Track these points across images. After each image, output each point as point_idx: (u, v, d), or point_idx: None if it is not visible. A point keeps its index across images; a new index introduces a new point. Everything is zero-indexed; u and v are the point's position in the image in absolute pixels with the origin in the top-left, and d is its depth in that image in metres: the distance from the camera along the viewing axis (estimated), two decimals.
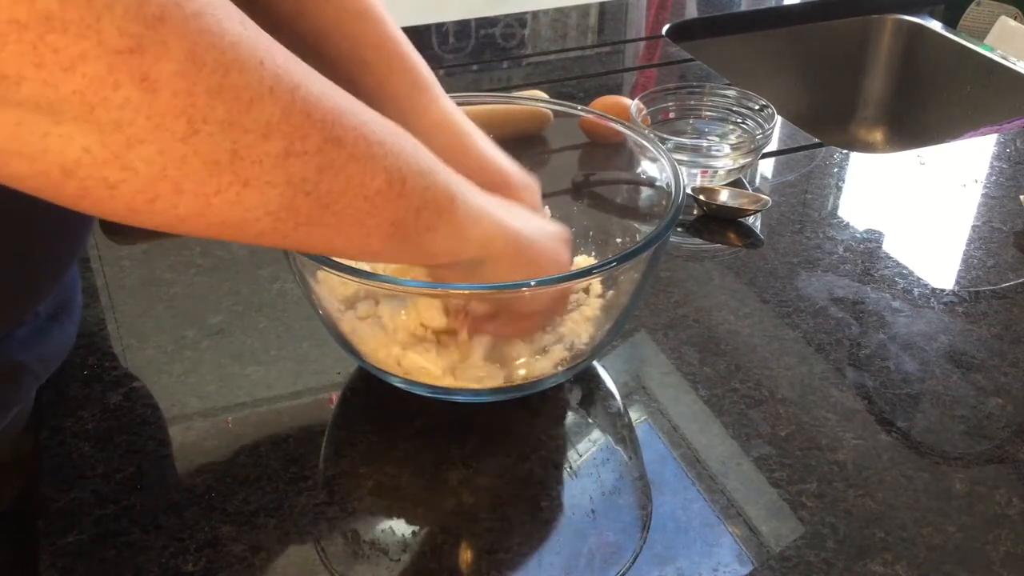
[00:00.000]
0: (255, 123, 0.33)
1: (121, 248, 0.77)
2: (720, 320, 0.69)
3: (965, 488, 0.55)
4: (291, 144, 0.35)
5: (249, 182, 0.34)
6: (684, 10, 1.33)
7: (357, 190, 0.39)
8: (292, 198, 0.36)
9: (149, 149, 0.31)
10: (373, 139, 0.39)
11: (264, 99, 0.33)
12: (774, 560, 0.50)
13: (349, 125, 0.38)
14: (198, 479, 0.55)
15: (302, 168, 0.36)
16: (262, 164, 0.34)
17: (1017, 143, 0.95)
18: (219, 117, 0.32)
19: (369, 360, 0.58)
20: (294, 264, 0.56)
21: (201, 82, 0.31)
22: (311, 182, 0.37)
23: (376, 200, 0.40)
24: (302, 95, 0.35)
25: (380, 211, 0.41)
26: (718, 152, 0.85)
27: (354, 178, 0.39)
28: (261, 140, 0.34)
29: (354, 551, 0.51)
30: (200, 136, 0.32)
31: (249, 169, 0.34)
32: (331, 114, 0.37)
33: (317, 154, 0.36)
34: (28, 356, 0.56)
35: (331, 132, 0.37)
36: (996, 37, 1.35)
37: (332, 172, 0.37)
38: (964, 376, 0.63)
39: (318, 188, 0.37)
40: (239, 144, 0.33)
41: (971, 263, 0.76)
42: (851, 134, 1.35)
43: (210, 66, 0.31)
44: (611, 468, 0.56)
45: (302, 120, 0.35)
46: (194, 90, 0.31)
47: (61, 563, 0.50)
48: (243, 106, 0.33)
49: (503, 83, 1.13)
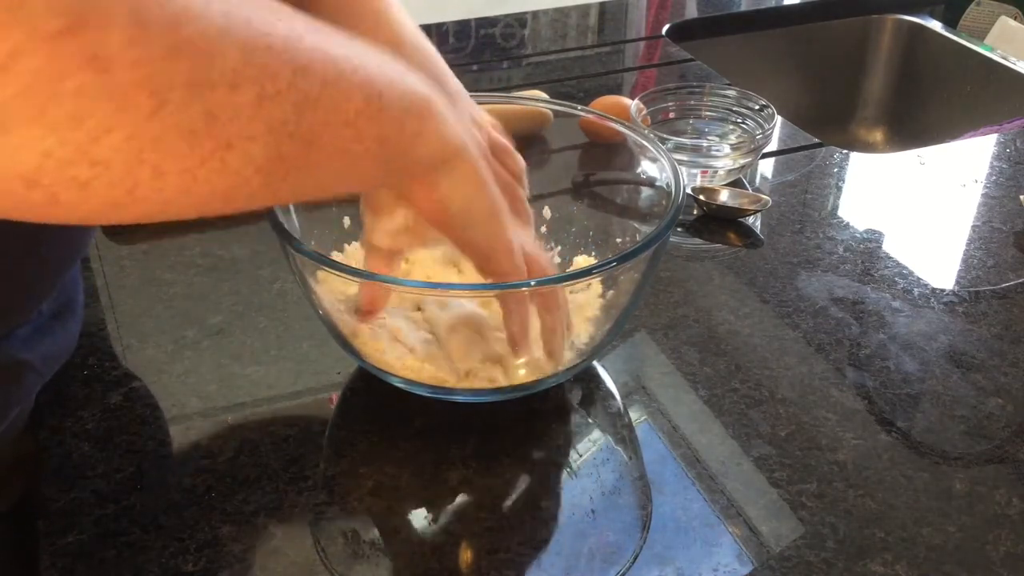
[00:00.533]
0: (221, 75, 0.31)
1: (121, 248, 0.77)
2: (720, 320, 0.69)
3: (965, 488, 0.55)
4: (262, 87, 0.32)
5: (231, 143, 0.32)
6: (684, 10, 1.33)
7: (337, 116, 0.37)
8: (277, 146, 0.34)
9: (117, 136, 0.28)
10: (339, 56, 0.37)
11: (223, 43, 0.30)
12: (774, 560, 0.50)
13: (311, 47, 0.35)
14: (198, 479, 0.55)
15: (279, 110, 0.34)
16: (239, 119, 0.32)
17: (1017, 143, 0.95)
18: (184, 79, 0.29)
19: (369, 360, 0.58)
20: (294, 264, 0.56)
21: (155, 44, 0.28)
22: (291, 122, 0.34)
23: (358, 123, 0.38)
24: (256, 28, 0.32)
25: (365, 133, 0.39)
26: (718, 152, 0.85)
27: (331, 104, 0.36)
28: (231, 92, 0.31)
29: (354, 551, 0.51)
30: (169, 107, 0.29)
31: (228, 128, 0.32)
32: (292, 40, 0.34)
33: (290, 90, 0.34)
34: (31, 354, 0.56)
35: (296, 62, 0.34)
36: (996, 37, 1.35)
37: (309, 105, 0.35)
38: (964, 376, 0.63)
39: (299, 127, 0.35)
40: (211, 103, 0.30)
41: (971, 263, 0.76)
42: (851, 134, 1.35)
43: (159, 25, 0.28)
44: (611, 468, 0.56)
45: (265, 56, 0.33)
46: (151, 55, 0.28)
47: (61, 563, 0.50)
48: (204, 59, 0.30)
49: (503, 83, 1.13)
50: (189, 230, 0.78)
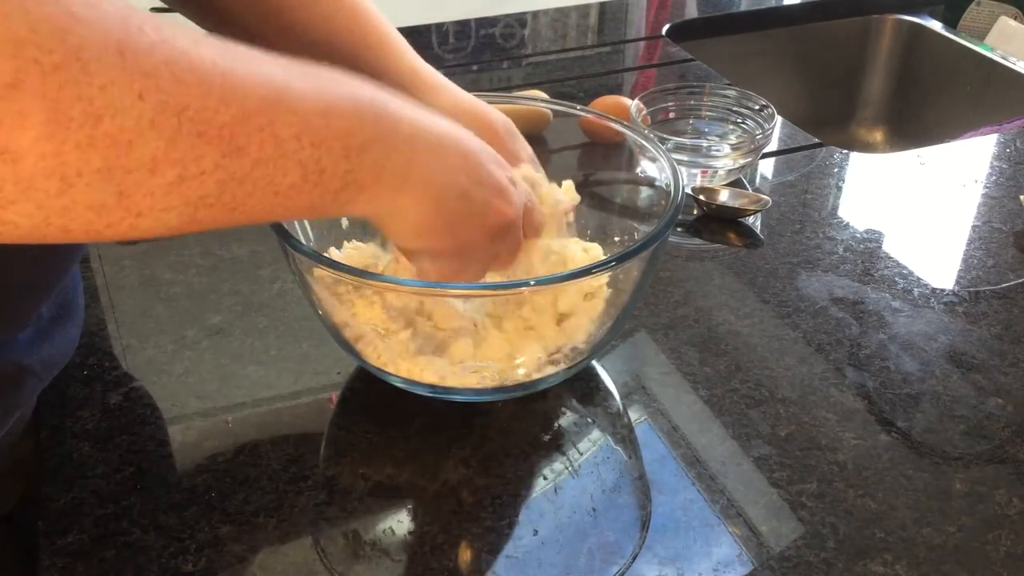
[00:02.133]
0: (138, 162, 0.31)
1: (121, 248, 0.77)
2: (720, 320, 0.69)
3: (965, 488, 0.55)
4: (184, 169, 0.33)
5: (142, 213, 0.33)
6: (684, 10, 1.33)
7: (267, 188, 0.37)
8: (193, 214, 0.34)
9: (25, 207, 0.30)
10: (286, 135, 0.36)
11: (145, 135, 0.31)
12: (774, 560, 0.50)
13: (254, 129, 0.35)
14: (198, 479, 0.55)
15: (199, 187, 0.34)
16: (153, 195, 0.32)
17: (1017, 143, 0.95)
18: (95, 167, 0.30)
19: (369, 360, 0.58)
20: (294, 264, 0.56)
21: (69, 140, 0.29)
22: (212, 196, 0.34)
23: (289, 194, 0.38)
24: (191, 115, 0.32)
25: (293, 202, 0.38)
26: (718, 152, 0.85)
27: (261, 180, 0.36)
28: (148, 176, 0.32)
29: (354, 551, 0.51)
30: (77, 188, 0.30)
31: (140, 202, 0.32)
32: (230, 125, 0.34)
33: (216, 170, 0.34)
34: (31, 359, 0.55)
35: (230, 144, 0.34)
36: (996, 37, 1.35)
37: (235, 182, 0.35)
38: (964, 376, 0.63)
39: (221, 199, 0.35)
40: (123, 185, 0.31)
41: (971, 263, 0.76)
42: (851, 134, 1.35)
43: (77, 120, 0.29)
44: (611, 468, 0.56)
45: (193, 142, 0.32)
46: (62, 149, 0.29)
47: (61, 563, 0.50)
48: (121, 149, 0.30)
49: (503, 83, 1.13)
50: None
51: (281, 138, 0.36)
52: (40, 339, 0.57)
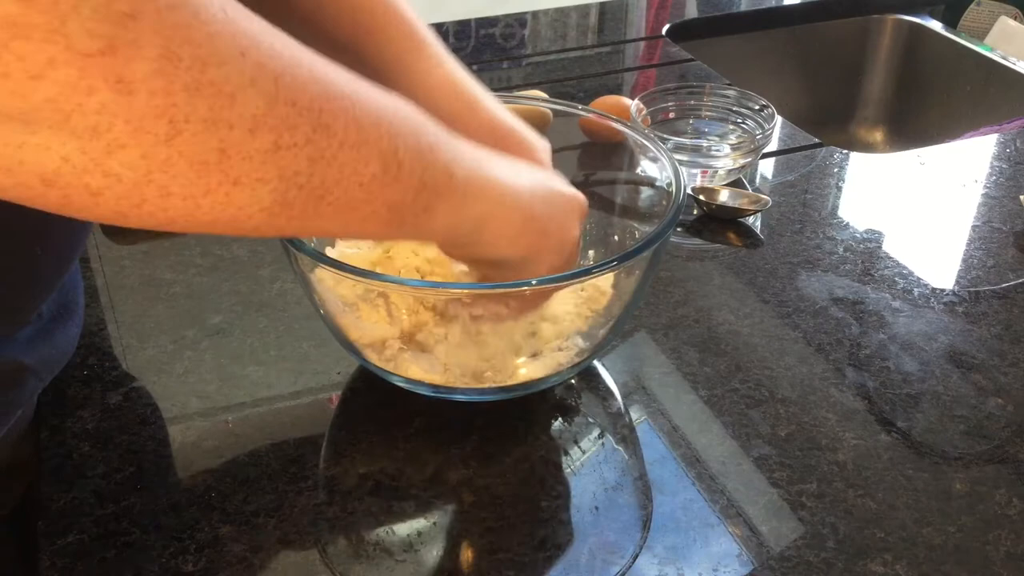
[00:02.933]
0: (240, 118, 0.32)
1: (121, 248, 0.77)
2: (720, 320, 0.69)
3: (965, 488, 0.55)
4: (279, 137, 0.34)
5: (239, 180, 0.34)
6: (684, 10, 1.33)
7: (352, 178, 0.38)
8: (285, 192, 0.36)
9: (131, 154, 0.30)
10: (366, 122, 0.38)
11: (247, 91, 0.32)
12: (774, 560, 0.50)
13: (339, 109, 0.37)
14: (198, 479, 0.55)
15: (293, 161, 0.35)
16: (251, 160, 0.33)
17: (1017, 143, 0.95)
18: (202, 115, 0.31)
19: (371, 360, 0.58)
20: (294, 264, 0.56)
21: (179, 79, 0.30)
22: (304, 174, 0.36)
23: (371, 186, 0.39)
24: (287, 83, 0.34)
25: (376, 197, 0.40)
26: (718, 152, 0.85)
27: (347, 166, 0.37)
28: (248, 136, 0.33)
29: (354, 551, 0.51)
30: (184, 136, 0.31)
31: (238, 167, 0.33)
32: (318, 100, 0.35)
33: (307, 145, 0.35)
34: (31, 358, 0.55)
35: (319, 120, 0.35)
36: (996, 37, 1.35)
37: (324, 162, 0.36)
38: (964, 376, 0.63)
39: (311, 180, 0.36)
40: (226, 142, 0.32)
41: (971, 263, 0.76)
42: (851, 134, 1.35)
43: (187, 62, 0.30)
44: (611, 468, 0.56)
45: (288, 110, 0.34)
46: (172, 88, 0.30)
47: (61, 563, 0.50)
48: (225, 101, 0.32)
49: (503, 83, 1.13)
50: None
51: (362, 123, 0.38)
52: (40, 338, 0.57)
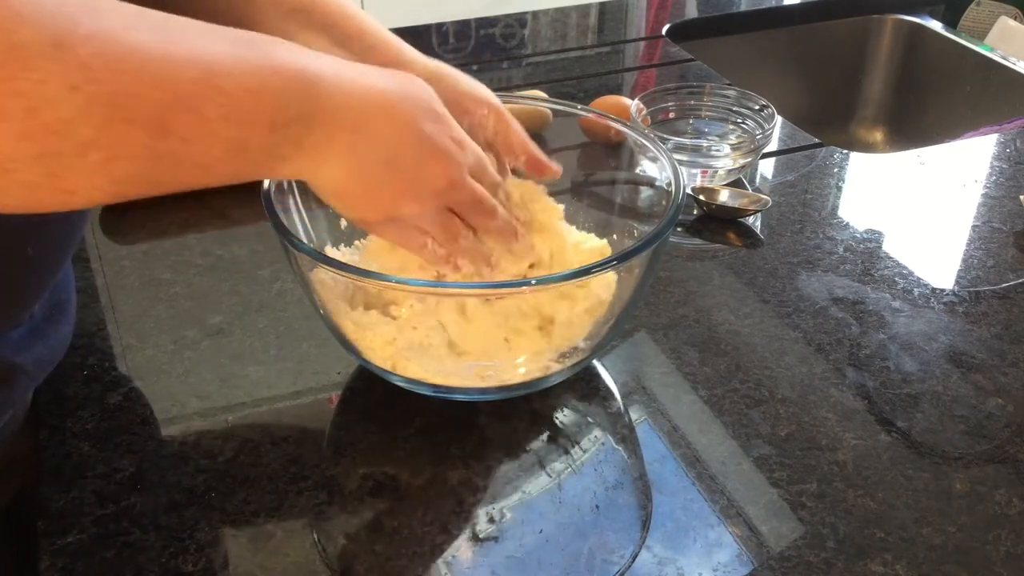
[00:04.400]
0: (71, 147, 0.32)
1: (121, 248, 0.77)
2: (720, 320, 0.69)
3: (965, 488, 0.55)
4: (113, 152, 0.34)
5: (73, 191, 0.34)
6: (684, 10, 1.33)
7: (191, 164, 0.37)
8: (121, 190, 0.36)
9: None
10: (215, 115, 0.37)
11: (77, 124, 0.32)
12: (774, 560, 0.50)
13: (183, 110, 0.35)
14: (198, 479, 0.55)
15: (127, 168, 0.35)
16: (82, 176, 0.33)
17: (1017, 143, 0.95)
18: (30, 154, 0.31)
19: (371, 360, 0.58)
20: (294, 264, 0.56)
21: (8, 133, 0.30)
22: (140, 174, 0.35)
23: (213, 165, 0.39)
24: (123, 102, 0.33)
25: (216, 171, 0.39)
26: (718, 152, 0.85)
27: (186, 158, 0.37)
28: (78, 159, 0.33)
29: (354, 551, 0.51)
30: (14, 174, 0.31)
31: (71, 182, 0.33)
32: (161, 108, 0.34)
33: (144, 150, 0.35)
34: (23, 358, 0.55)
35: (159, 127, 0.35)
36: (996, 37, 1.35)
37: (161, 160, 0.36)
38: (964, 376, 0.63)
39: (147, 177, 0.36)
40: (55, 167, 0.32)
41: (971, 263, 0.76)
42: (851, 134, 1.35)
43: (18, 116, 0.30)
44: (611, 468, 0.56)
45: (123, 128, 0.33)
46: (1, 140, 0.30)
47: (61, 563, 0.50)
48: (54, 137, 0.32)
49: (503, 83, 1.13)
50: (189, 230, 0.78)
51: (209, 119, 0.37)
52: (33, 337, 0.57)
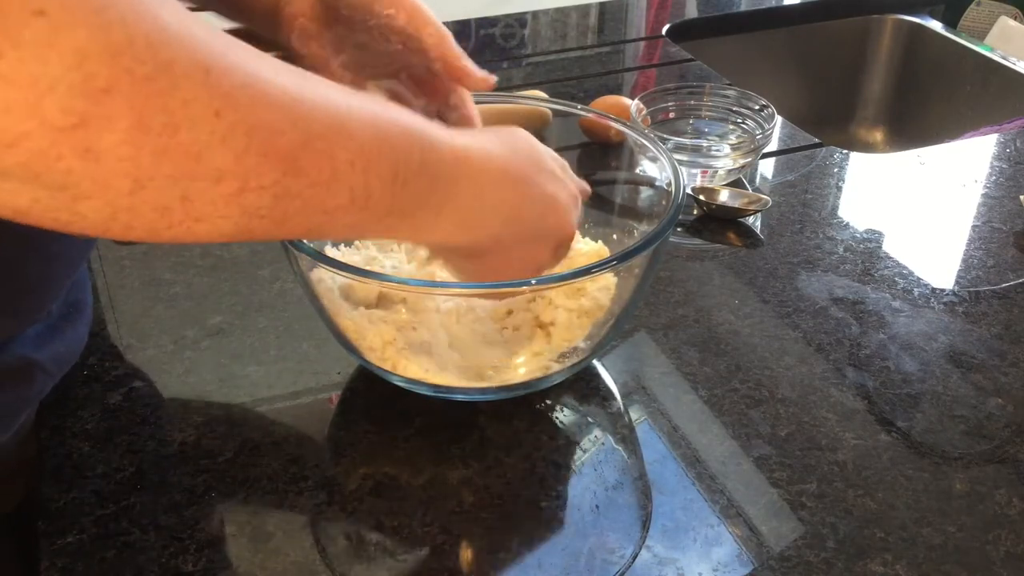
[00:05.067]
0: (206, 171, 0.33)
1: (121, 248, 0.77)
2: (720, 320, 0.69)
3: (965, 488, 0.55)
4: (245, 183, 0.34)
5: (201, 219, 0.34)
6: (684, 10, 1.33)
7: (316, 208, 0.38)
8: (246, 225, 0.36)
9: (96, 202, 0.32)
10: (342, 160, 0.38)
11: (215, 150, 0.33)
12: (774, 560, 0.50)
13: (314, 152, 0.36)
14: (198, 479, 0.55)
15: (256, 200, 0.35)
16: (214, 204, 0.34)
17: (1017, 143, 0.95)
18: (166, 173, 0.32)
19: (371, 360, 0.58)
20: (294, 264, 0.56)
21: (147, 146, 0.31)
22: (266, 208, 0.36)
23: (335, 213, 0.39)
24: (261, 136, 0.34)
25: (338, 220, 0.40)
26: (718, 152, 0.85)
27: (313, 200, 0.38)
28: (212, 185, 0.33)
29: (354, 551, 0.51)
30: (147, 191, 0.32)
31: (200, 209, 0.34)
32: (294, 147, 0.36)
33: (274, 186, 0.35)
34: (41, 354, 0.56)
35: (291, 165, 0.36)
36: (996, 37, 1.35)
37: (288, 198, 0.36)
38: (964, 376, 0.63)
39: (272, 213, 0.36)
40: (189, 191, 0.33)
41: (971, 263, 0.76)
42: (851, 134, 1.35)
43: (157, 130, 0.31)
44: (611, 468, 0.56)
45: (258, 160, 0.34)
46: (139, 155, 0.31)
47: (61, 563, 0.50)
48: (192, 160, 0.32)
49: (503, 83, 1.13)
50: None
51: (338, 162, 0.38)
52: (50, 335, 0.57)
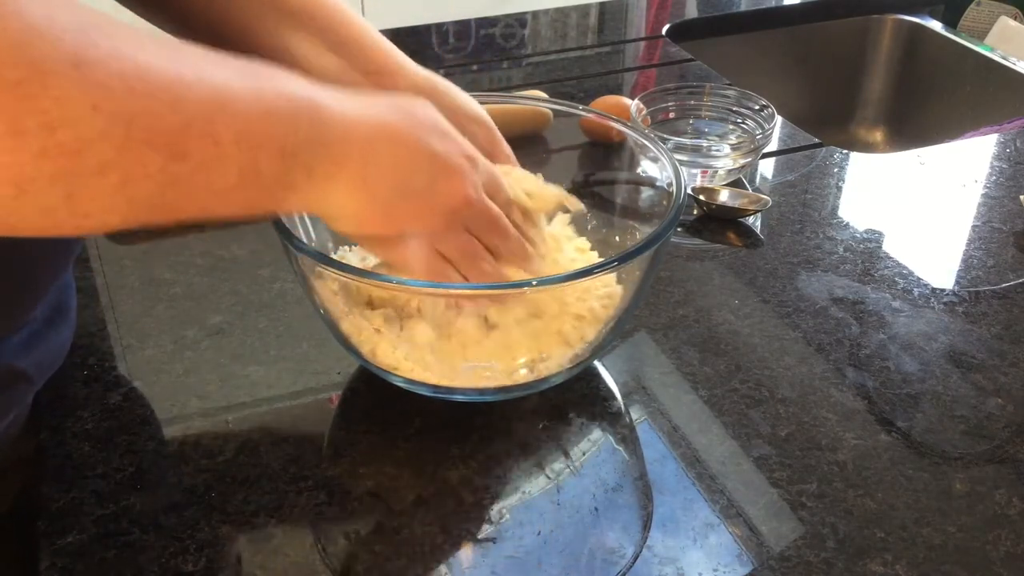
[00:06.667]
0: (87, 167, 0.32)
1: (121, 248, 0.77)
2: (720, 320, 0.69)
3: (965, 488, 0.55)
4: (129, 173, 0.34)
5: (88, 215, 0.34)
6: (684, 10, 1.33)
7: (205, 190, 0.37)
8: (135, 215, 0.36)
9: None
10: (228, 139, 0.37)
11: (96, 144, 0.32)
12: (774, 560, 0.50)
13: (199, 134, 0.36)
14: (198, 479, 0.55)
15: (143, 189, 0.35)
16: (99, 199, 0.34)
17: (1017, 143, 0.95)
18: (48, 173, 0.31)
19: (371, 360, 0.58)
20: (294, 264, 0.56)
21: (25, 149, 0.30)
22: (155, 197, 0.35)
23: (226, 192, 0.39)
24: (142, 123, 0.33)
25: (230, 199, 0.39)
26: (718, 152, 0.85)
27: (201, 182, 0.37)
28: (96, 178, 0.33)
29: (354, 551, 0.51)
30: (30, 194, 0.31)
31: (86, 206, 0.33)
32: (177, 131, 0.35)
33: (159, 174, 0.35)
34: (24, 361, 0.55)
35: (175, 149, 0.35)
36: (996, 37, 1.35)
37: (176, 184, 0.36)
38: (964, 376, 0.63)
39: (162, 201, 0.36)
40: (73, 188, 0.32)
41: (971, 263, 0.76)
42: (851, 134, 1.35)
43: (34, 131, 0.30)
44: (611, 468, 0.56)
45: (140, 148, 0.34)
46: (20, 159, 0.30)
47: (61, 563, 0.50)
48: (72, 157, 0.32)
49: (503, 83, 1.13)
50: (189, 230, 0.78)
51: (222, 142, 0.37)
52: (33, 341, 0.57)
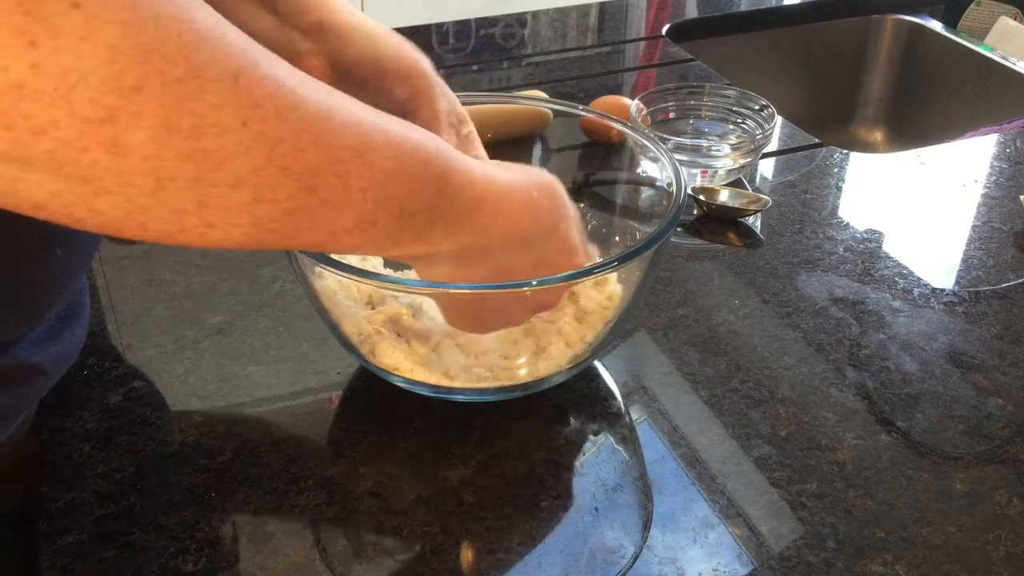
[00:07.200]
0: (225, 178, 0.33)
1: (121, 248, 0.77)
2: (720, 320, 0.69)
3: (965, 488, 0.55)
4: (260, 194, 0.35)
5: (214, 225, 0.35)
6: (684, 10, 1.33)
7: (323, 227, 0.39)
8: (256, 235, 0.37)
9: (115, 198, 0.32)
10: (356, 186, 0.38)
11: (238, 158, 0.33)
12: (774, 560, 0.50)
13: (331, 174, 0.37)
14: (198, 479, 0.55)
15: (269, 211, 0.36)
16: (228, 210, 0.34)
17: (1017, 143, 0.95)
18: (188, 175, 0.32)
19: (371, 360, 0.58)
20: (294, 264, 0.56)
21: (173, 147, 0.31)
22: (276, 221, 0.37)
23: (340, 234, 0.40)
24: (283, 150, 0.34)
25: (342, 241, 0.41)
26: (718, 152, 0.85)
27: (321, 219, 0.38)
28: (229, 191, 0.34)
29: (354, 551, 0.51)
30: (167, 191, 0.32)
31: (215, 215, 0.34)
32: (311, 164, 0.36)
33: (287, 201, 0.36)
34: (40, 357, 0.56)
35: (307, 182, 0.36)
36: (996, 37, 1.35)
37: (299, 214, 0.37)
38: (964, 376, 0.63)
39: (282, 227, 0.37)
40: (206, 196, 0.33)
41: (971, 263, 0.76)
42: (851, 134, 1.35)
43: (184, 132, 0.31)
44: (611, 468, 0.56)
45: (276, 173, 0.35)
46: (164, 155, 0.31)
47: (61, 563, 0.50)
48: (214, 165, 0.33)
49: (503, 83, 1.13)
50: None
51: (351, 188, 0.38)
52: (49, 338, 0.57)
